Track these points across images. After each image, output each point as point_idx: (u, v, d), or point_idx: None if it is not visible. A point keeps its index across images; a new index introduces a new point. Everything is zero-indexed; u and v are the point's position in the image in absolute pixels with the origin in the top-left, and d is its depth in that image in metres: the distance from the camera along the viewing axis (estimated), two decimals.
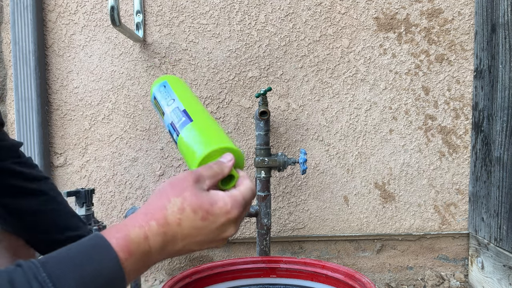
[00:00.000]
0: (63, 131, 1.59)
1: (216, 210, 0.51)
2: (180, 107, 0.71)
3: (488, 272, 1.51)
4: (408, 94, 1.59)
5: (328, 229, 1.64)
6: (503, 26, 1.40)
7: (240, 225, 1.62)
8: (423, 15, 1.56)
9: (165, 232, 0.49)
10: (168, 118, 0.71)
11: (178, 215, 0.50)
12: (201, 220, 0.50)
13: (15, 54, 1.52)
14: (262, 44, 1.57)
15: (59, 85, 1.58)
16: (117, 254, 0.45)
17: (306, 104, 1.59)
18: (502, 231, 1.41)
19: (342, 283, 1.11)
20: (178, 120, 0.68)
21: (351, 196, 1.62)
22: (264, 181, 1.44)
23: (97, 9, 1.56)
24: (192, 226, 0.50)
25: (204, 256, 1.69)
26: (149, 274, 1.68)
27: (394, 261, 1.69)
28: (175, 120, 0.69)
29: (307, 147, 1.60)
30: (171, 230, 0.49)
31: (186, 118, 0.67)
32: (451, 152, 1.61)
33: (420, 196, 1.62)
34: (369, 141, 1.60)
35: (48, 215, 0.82)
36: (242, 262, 1.21)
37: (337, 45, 1.57)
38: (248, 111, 1.59)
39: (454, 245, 1.68)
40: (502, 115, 1.40)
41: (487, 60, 1.49)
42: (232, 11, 1.56)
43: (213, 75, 1.57)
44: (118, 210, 1.61)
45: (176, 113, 0.70)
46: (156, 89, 0.77)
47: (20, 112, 1.53)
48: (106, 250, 0.45)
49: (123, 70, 1.57)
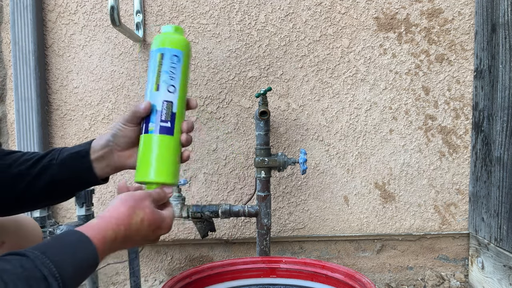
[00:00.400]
0: (63, 131, 1.59)
1: (163, 225, 0.75)
2: (173, 106, 0.75)
3: (488, 272, 1.51)
4: (408, 94, 1.59)
5: (328, 229, 1.64)
6: (503, 26, 1.39)
7: (240, 225, 1.62)
8: (423, 15, 1.56)
9: (127, 235, 0.69)
10: (158, 103, 0.75)
11: (139, 225, 0.71)
12: (152, 231, 0.73)
13: (15, 54, 1.52)
14: (262, 44, 1.57)
15: (59, 85, 1.58)
16: (96, 248, 0.63)
17: (306, 104, 1.59)
18: (502, 231, 1.41)
19: (342, 283, 1.11)
20: (162, 119, 0.74)
21: (351, 196, 1.62)
22: (264, 181, 1.44)
23: (97, 9, 1.55)
24: (145, 234, 0.72)
25: (204, 256, 1.69)
26: (149, 274, 1.68)
27: (394, 261, 1.69)
28: (159, 116, 0.74)
29: (307, 147, 1.60)
30: (131, 234, 0.70)
31: (170, 125, 0.75)
32: (451, 152, 1.61)
33: (420, 196, 1.62)
34: (369, 141, 1.60)
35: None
36: (242, 262, 1.21)
37: (337, 45, 1.57)
38: (248, 111, 1.59)
39: (454, 245, 1.67)
40: (502, 115, 1.40)
41: (487, 60, 1.49)
42: (232, 11, 1.55)
43: (213, 75, 1.57)
44: None
45: (166, 110, 0.75)
46: (168, 53, 0.77)
47: (20, 112, 1.53)
48: (89, 245, 0.62)
49: (123, 70, 1.57)
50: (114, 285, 1.69)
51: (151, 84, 0.78)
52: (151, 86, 0.78)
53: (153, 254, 1.68)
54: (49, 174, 0.79)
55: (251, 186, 1.61)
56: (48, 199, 0.84)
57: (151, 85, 0.78)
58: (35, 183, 0.79)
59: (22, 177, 0.79)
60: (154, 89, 0.77)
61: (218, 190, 1.61)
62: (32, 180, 0.79)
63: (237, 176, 1.61)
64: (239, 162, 1.60)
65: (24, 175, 0.79)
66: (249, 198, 1.57)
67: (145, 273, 1.68)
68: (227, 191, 1.61)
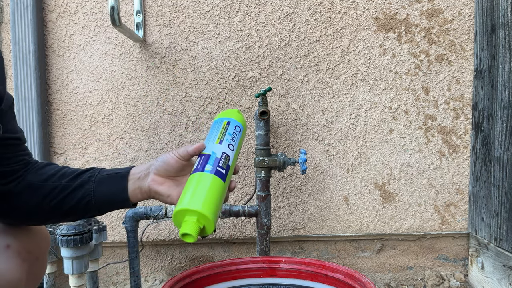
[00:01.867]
0: (63, 131, 1.59)
1: None
2: (230, 160, 0.86)
3: (488, 272, 1.51)
4: (408, 94, 1.59)
5: (328, 229, 1.64)
6: (503, 26, 1.40)
7: (240, 225, 1.62)
8: (423, 15, 1.56)
9: None
10: (218, 152, 0.86)
11: None
12: None
13: (15, 54, 1.52)
14: (262, 44, 1.57)
15: (59, 85, 1.58)
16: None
17: (306, 104, 1.59)
18: (502, 231, 1.41)
19: (342, 283, 1.11)
20: (219, 165, 0.84)
21: (351, 196, 1.62)
22: (264, 181, 1.44)
23: (97, 9, 1.56)
24: None
25: (204, 256, 1.69)
26: (149, 274, 1.68)
27: (394, 261, 1.69)
28: (217, 162, 0.84)
29: (307, 147, 1.60)
30: None
31: (224, 172, 0.84)
32: (451, 152, 1.61)
33: (420, 196, 1.62)
34: (369, 141, 1.60)
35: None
36: (242, 262, 1.21)
37: (337, 45, 1.57)
38: (248, 111, 1.59)
39: (454, 245, 1.68)
40: (502, 115, 1.40)
41: (487, 60, 1.49)
42: (232, 11, 1.56)
43: (213, 75, 1.57)
44: (118, 210, 1.61)
45: (224, 160, 0.85)
46: (233, 123, 0.92)
47: (20, 112, 1.53)
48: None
49: (123, 70, 1.57)
50: (114, 284, 1.69)
51: (214, 138, 0.89)
52: (213, 139, 0.89)
53: (153, 254, 1.68)
54: (86, 188, 0.81)
55: (251, 186, 1.61)
56: (75, 215, 0.85)
57: (214, 138, 0.89)
58: (70, 196, 0.82)
59: (59, 191, 0.82)
60: (216, 142, 0.88)
61: None
62: (68, 194, 0.82)
63: (237, 176, 1.61)
64: (239, 162, 1.60)
65: (61, 189, 0.82)
66: (249, 198, 1.57)
67: (145, 273, 1.69)
68: None
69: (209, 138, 0.90)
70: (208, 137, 0.90)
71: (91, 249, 1.31)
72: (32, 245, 0.84)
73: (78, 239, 1.22)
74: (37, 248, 0.86)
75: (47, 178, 0.82)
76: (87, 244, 1.27)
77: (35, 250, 0.85)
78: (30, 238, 0.85)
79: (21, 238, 0.83)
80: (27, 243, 0.83)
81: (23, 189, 0.80)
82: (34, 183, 0.81)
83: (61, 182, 0.82)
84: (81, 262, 1.26)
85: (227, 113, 0.96)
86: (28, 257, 0.82)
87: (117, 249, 1.67)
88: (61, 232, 1.22)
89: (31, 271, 0.83)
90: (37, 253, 0.86)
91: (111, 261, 1.67)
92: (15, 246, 0.80)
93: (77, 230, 1.23)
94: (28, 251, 0.83)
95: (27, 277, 0.82)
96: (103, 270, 1.68)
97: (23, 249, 0.82)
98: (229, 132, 0.90)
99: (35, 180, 0.81)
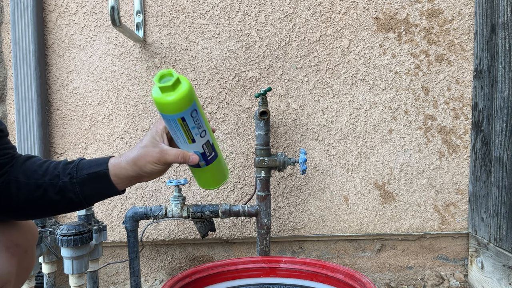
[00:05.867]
0: (63, 131, 1.59)
1: None
2: (210, 141, 0.85)
3: (487, 272, 1.51)
4: (408, 94, 1.59)
5: (328, 229, 1.64)
6: (503, 26, 1.40)
7: (240, 225, 1.62)
8: (423, 15, 1.57)
9: None
10: (198, 147, 0.84)
11: None
12: None
13: (15, 54, 1.52)
14: (262, 44, 1.57)
15: (59, 85, 1.58)
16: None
17: (306, 104, 1.59)
18: (501, 231, 1.42)
19: (342, 283, 1.12)
20: (209, 154, 0.86)
21: (351, 196, 1.62)
22: (264, 181, 1.44)
23: (97, 9, 1.56)
24: None
25: (204, 256, 1.69)
26: (149, 274, 1.69)
27: (394, 261, 1.69)
28: (207, 152, 0.86)
29: (307, 147, 1.60)
30: None
31: (214, 153, 0.87)
32: (451, 152, 1.61)
33: (419, 196, 1.62)
34: (369, 141, 1.60)
35: None
36: (242, 262, 1.21)
37: (337, 45, 1.57)
38: (248, 111, 1.59)
39: (453, 245, 1.68)
40: (501, 115, 1.41)
41: (487, 60, 1.49)
42: (232, 11, 1.56)
43: (213, 75, 1.58)
44: (118, 210, 1.61)
45: (208, 147, 0.85)
46: (187, 112, 0.80)
47: (20, 112, 1.53)
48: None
49: (123, 70, 1.57)
50: (114, 284, 1.69)
51: (183, 140, 0.83)
52: (184, 140, 0.83)
53: (153, 253, 1.68)
54: (70, 189, 0.81)
55: (251, 186, 1.61)
56: (62, 210, 0.85)
57: (184, 140, 0.83)
58: (55, 193, 0.81)
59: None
60: (189, 142, 0.83)
61: (218, 190, 1.61)
62: (53, 192, 0.81)
63: (237, 176, 1.61)
64: (239, 162, 1.61)
65: None
66: (249, 198, 1.57)
67: (145, 272, 1.69)
68: (227, 191, 1.62)
69: (178, 140, 0.84)
70: (177, 139, 0.84)
71: (91, 249, 1.31)
72: (20, 239, 0.84)
73: (78, 239, 1.22)
74: (25, 241, 0.86)
75: (30, 175, 0.80)
76: (87, 244, 1.27)
77: (23, 243, 0.85)
78: (17, 231, 0.85)
79: (9, 232, 0.82)
80: (15, 237, 0.83)
81: (9, 185, 0.79)
82: (20, 179, 0.79)
83: (45, 179, 0.80)
84: (81, 262, 1.26)
85: (177, 105, 0.79)
86: (17, 251, 0.82)
87: (117, 249, 1.67)
88: (61, 232, 1.22)
89: (20, 264, 0.83)
90: (25, 246, 0.85)
91: (111, 261, 1.67)
92: (3, 240, 0.80)
93: (77, 230, 1.23)
94: (17, 244, 0.82)
95: (17, 271, 0.82)
96: (103, 270, 1.68)
97: (11, 243, 0.81)
98: (191, 126, 0.81)
99: (20, 176, 0.79)
